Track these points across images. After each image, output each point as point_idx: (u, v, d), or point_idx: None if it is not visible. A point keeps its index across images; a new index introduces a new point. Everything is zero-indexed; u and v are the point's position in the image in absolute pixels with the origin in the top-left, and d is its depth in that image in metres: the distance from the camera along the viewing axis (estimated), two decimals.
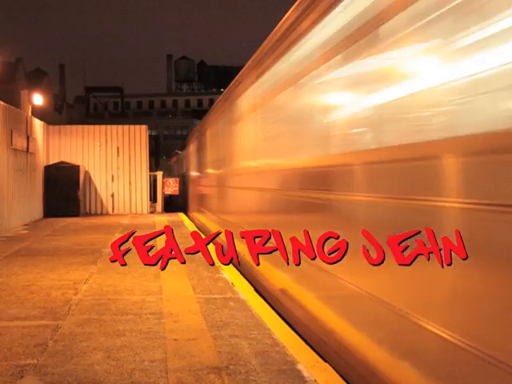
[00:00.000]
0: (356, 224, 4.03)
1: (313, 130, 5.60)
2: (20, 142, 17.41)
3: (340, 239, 2.80)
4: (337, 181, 4.79)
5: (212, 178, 14.27)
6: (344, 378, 4.20)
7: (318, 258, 2.80)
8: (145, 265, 2.80)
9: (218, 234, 3.02)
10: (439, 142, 3.11)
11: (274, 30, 6.85)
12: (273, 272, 6.49)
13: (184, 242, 2.86)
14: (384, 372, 3.63)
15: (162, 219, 19.86)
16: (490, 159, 2.69)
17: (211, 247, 2.82)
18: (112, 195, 22.71)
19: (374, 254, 2.76)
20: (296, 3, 5.70)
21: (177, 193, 24.85)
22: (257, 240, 2.84)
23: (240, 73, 9.58)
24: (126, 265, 2.83)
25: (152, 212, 23.18)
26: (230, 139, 10.84)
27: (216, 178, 13.33)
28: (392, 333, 3.62)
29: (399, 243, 2.67)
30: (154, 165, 43.35)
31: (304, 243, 2.83)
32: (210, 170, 15.02)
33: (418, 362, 3.28)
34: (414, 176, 3.37)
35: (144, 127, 23.22)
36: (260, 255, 2.84)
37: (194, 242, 2.83)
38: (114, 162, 22.69)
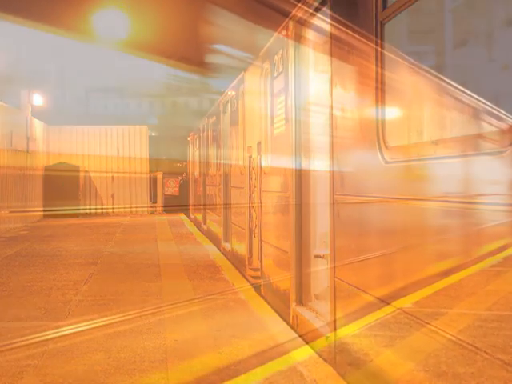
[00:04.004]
0: None
1: None
2: (20, 143, 17.41)
3: None
4: None
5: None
6: (344, 379, 4.19)
7: None
8: None
9: None
10: None
11: None
12: None
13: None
14: None
15: (163, 219, 19.86)
16: None
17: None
18: (112, 195, 22.71)
19: None
20: None
21: (177, 193, 24.82)
22: None
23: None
24: None
25: (152, 212, 23.18)
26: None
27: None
28: None
29: None
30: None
31: None
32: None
33: None
34: None
35: (144, 128, 23.22)
36: None
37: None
38: (114, 163, 22.70)
